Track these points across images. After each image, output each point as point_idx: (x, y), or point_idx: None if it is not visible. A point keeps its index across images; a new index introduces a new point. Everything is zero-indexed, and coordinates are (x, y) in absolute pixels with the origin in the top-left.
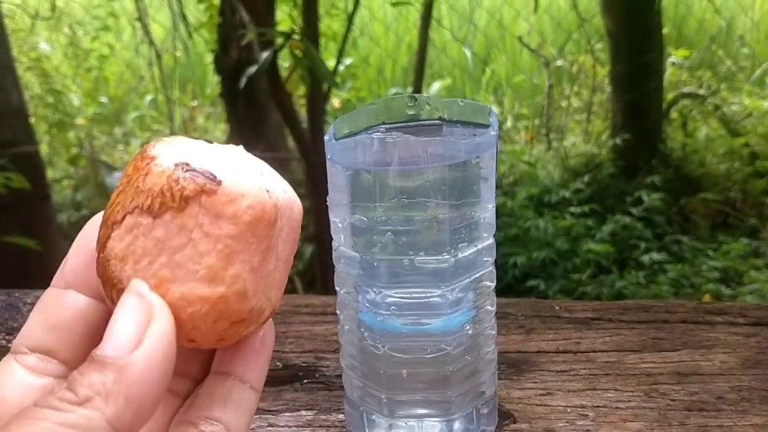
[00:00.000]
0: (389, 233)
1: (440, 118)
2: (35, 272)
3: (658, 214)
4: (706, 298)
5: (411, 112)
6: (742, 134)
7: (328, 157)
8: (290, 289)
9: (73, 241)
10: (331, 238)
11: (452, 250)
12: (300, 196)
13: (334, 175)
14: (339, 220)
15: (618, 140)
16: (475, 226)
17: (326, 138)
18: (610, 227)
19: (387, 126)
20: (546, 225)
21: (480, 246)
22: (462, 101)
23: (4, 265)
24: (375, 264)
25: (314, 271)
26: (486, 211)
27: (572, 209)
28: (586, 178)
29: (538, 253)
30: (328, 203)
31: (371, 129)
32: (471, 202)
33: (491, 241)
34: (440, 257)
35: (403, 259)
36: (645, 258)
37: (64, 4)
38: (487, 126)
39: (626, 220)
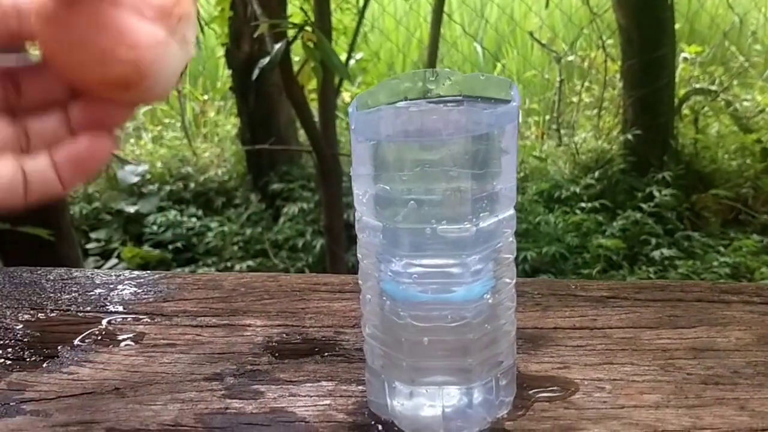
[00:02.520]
0: (412, 202)
1: (461, 93)
2: (47, 262)
3: (669, 210)
4: None
5: (432, 87)
6: (754, 130)
7: (352, 128)
8: None
9: (84, 232)
10: (342, 231)
11: (474, 219)
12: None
13: (358, 146)
14: (362, 191)
15: (629, 136)
16: (496, 197)
17: (350, 110)
18: (621, 223)
19: (409, 100)
20: (556, 220)
21: (501, 216)
22: (483, 75)
23: (17, 254)
24: (397, 233)
25: (324, 264)
26: (508, 182)
27: (583, 204)
28: (596, 174)
29: (549, 248)
30: (351, 174)
31: (393, 102)
32: (493, 173)
33: (512, 212)
34: (462, 226)
35: (425, 228)
36: (656, 254)
37: None
38: (507, 101)
39: (637, 215)
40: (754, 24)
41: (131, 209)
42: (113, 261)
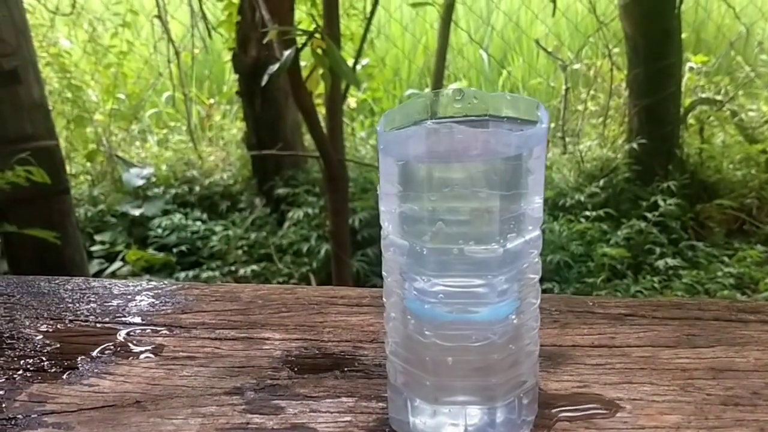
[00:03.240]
0: (440, 223)
1: (487, 114)
2: (53, 264)
3: (673, 219)
4: None
5: (458, 106)
6: (760, 141)
7: (381, 147)
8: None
9: (89, 234)
10: (347, 237)
11: (501, 240)
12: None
13: (386, 166)
14: (389, 209)
15: (634, 145)
16: (523, 218)
17: (378, 129)
18: (625, 232)
19: (435, 120)
20: (561, 228)
21: (528, 237)
22: (510, 95)
23: (23, 256)
24: (424, 252)
25: (329, 270)
26: (534, 203)
27: (587, 213)
28: (601, 183)
29: (553, 257)
30: (378, 192)
31: (420, 122)
32: (520, 194)
33: (538, 233)
34: (489, 247)
35: (452, 248)
36: (660, 263)
37: (84, 0)
38: (534, 122)
39: (641, 225)
40: (761, 34)
41: (136, 212)
42: (118, 264)
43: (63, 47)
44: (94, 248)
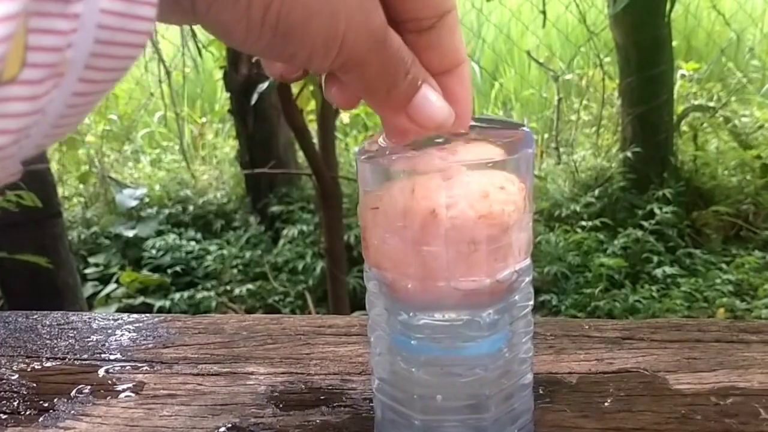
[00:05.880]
0: (424, 253)
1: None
2: (47, 289)
3: (670, 227)
4: (720, 312)
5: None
6: (754, 146)
7: (359, 177)
8: (301, 305)
9: (83, 257)
10: (342, 254)
11: (489, 272)
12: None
13: (366, 196)
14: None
15: (628, 153)
16: (511, 248)
17: (356, 158)
18: (622, 241)
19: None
20: (557, 239)
21: (517, 267)
22: (495, 119)
23: (16, 281)
24: (409, 286)
25: (325, 287)
26: (523, 232)
27: (583, 223)
28: (596, 192)
29: (550, 268)
30: (360, 223)
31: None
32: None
33: (528, 261)
34: (477, 279)
35: (438, 281)
36: (658, 272)
37: None
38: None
39: (638, 233)
40: (751, 40)
41: (130, 233)
42: (112, 286)
43: None
44: (88, 270)
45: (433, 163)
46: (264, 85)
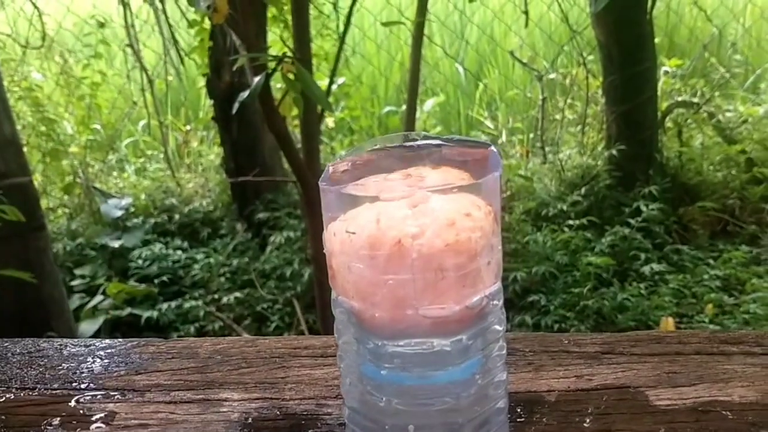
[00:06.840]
0: (390, 282)
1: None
2: (32, 302)
3: (656, 224)
4: (709, 308)
5: (409, 154)
6: (738, 141)
7: (323, 204)
8: (290, 311)
9: (69, 269)
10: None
11: (458, 298)
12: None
13: (331, 224)
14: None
15: (614, 151)
16: (479, 273)
17: (321, 185)
18: (609, 239)
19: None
20: (545, 239)
21: (487, 292)
22: (457, 138)
23: (1, 296)
24: (376, 315)
25: (314, 294)
26: (492, 256)
27: (570, 222)
28: (583, 191)
29: (538, 268)
30: (325, 251)
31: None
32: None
33: (498, 285)
34: (446, 306)
35: (406, 310)
36: (646, 269)
37: (54, 32)
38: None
39: (625, 231)
40: (733, 35)
41: (116, 244)
42: (99, 298)
43: (35, 81)
44: (74, 282)
45: (398, 190)
46: (245, 94)
